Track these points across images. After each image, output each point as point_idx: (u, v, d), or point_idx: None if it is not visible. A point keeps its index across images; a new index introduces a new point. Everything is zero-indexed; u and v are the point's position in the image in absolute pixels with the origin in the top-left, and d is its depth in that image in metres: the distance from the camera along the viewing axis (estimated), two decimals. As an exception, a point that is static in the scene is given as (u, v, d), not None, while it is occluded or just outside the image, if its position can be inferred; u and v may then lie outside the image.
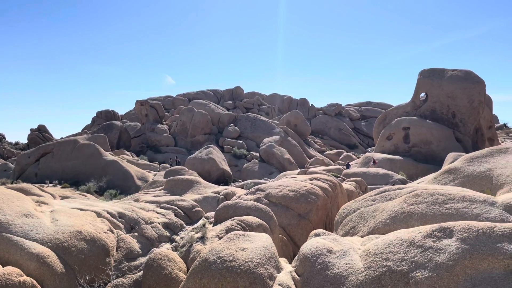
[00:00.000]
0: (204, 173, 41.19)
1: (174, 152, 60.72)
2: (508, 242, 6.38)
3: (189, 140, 63.91)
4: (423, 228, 7.27)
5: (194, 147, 60.94)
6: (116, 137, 62.34)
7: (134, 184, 36.46)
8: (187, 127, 64.69)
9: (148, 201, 17.16)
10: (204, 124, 64.42)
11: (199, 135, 63.82)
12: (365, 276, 6.73)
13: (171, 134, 66.34)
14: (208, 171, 43.38)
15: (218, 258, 7.48)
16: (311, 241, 8.35)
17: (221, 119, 68.75)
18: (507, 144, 16.62)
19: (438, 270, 6.31)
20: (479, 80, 43.32)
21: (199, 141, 62.91)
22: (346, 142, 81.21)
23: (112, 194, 31.53)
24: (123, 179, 36.97)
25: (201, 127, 64.22)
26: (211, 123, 66.37)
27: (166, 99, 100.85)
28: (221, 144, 61.01)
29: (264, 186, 16.95)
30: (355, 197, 21.09)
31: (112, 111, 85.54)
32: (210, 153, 45.68)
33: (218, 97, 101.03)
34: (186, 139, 64.28)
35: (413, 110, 46.58)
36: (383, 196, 11.33)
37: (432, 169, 34.49)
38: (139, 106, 71.42)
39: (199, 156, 45.32)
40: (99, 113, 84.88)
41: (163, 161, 57.05)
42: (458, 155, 26.03)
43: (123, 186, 35.88)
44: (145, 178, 38.46)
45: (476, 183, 14.12)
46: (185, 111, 67.03)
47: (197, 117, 64.31)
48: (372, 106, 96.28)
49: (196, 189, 22.55)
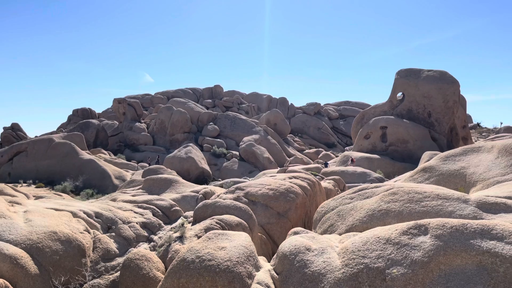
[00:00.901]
0: (183, 172, 40.89)
1: (152, 151, 60.06)
2: (480, 239, 6.56)
3: (168, 139, 63.33)
4: (399, 226, 7.39)
5: (173, 146, 60.41)
6: (93, 135, 61.25)
7: (111, 184, 35.90)
8: (165, 125, 64.08)
9: (125, 201, 16.93)
10: (183, 123, 63.94)
11: (178, 133, 63.30)
12: (343, 273, 6.80)
13: (150, 133, 65.59)
14: (187, 170, 43.08)
15: (196, 257, 7.44)
16: (290, 239, 8.39)
17: (201, 118, 68.37)
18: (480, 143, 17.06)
19: (414, 267, 6.43)
20: (453, 80, 44.38)
21: (178, 139, 62.41)
22: (325, 141, 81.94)
23: (88, 194, 30.97)
24: (100, 179, 36.36)
25: (180, 126, 63.72)
26: (190, 122, 65.91)
27: (144, 97, 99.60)
28: (201, 143, 60.69)
29: (244, 185, 16.94)
30: (334, 195, 21.30)
31: (89, 109, 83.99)
32: (189, 152, 45.38)
33: (197, 96, 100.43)
34: (165, 138, 63.68)
35: (390, 110, 47.36)
36: (361, 194, 11.48)
37: (409, 168, 35.14)
38: (117, 104, 70.33)
39: (178, 155, 44.96)
40: (76, 111, 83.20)
41: (141, 160, 56.36)
42: (434, 153, 26.61)
43: (100, 185, 35.28)
44: (122, 177, 37.92)
45: (450, 181, 14.45)
46: (164, 109, 66.38)
47: (176, 116, 63.77)
48: (350, 105, 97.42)
49: (175, 188, 22.35)
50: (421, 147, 40.02)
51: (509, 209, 8.83)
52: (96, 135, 61.84)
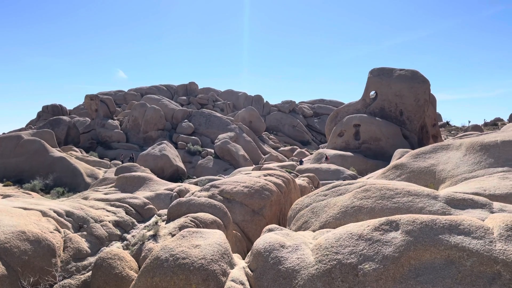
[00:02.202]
0: (157, 170, 40.44)
1: (126, 149, 59.07)
2: (448, 234, 6.76)
3: (142, 136, 62.42)
4: (371, 222, 7.53)
5: (147, 143, 59.60)
6: (63, 132, 59.73)
7: (83, 182, 35.15)
8: (139, 122, 63.12)
9: (97, 199, 16.60)
10: (157, 120, 63.14)
11: (152, 131, 62.47)
12: (316, 269, 6.88)
13: (123, 130, 64.47)
14: (161, 168, 42.62)
15: (170, 255, 7.37)
16: (264, 236, 8.43)
17: (175, 115, 67.68)
18: (449, 141, 17.57)
19: (385, 262, 6.57)
20: (424, 79, 45.50)
21: (152, 137, 61.60)
22: (300, 139, 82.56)
23: (59, 192, 30.22)
24: (72, 177, 35.55)
25: (154, 123, 62.89)
26: (165, 119, 65.15)
27: (117, 94, 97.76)
28: (175, 140, 60.10)
29: (219, 183, 16.89)
30: (308, 192, 21.51)
31: (60, 106, 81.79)
32: (164, 150, 44.88)
33: (172, 93, 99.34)
34: (139, 135, 62.73)
35: (363, 108, 48.15)
36: (334, 191, 11.63)
37: (381, 165, 35.85)
38: (89, 100, 68.77)
39: (152, 153, 44.41)
40: (45, 107, 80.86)
41: (114, 158, 55.36)
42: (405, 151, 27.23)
43: (72, 183, 34.50)
44: (95, 175, 37.17)
45: (421, 178, 14.83)
46: (137, 106, 65.36)
47: (149, 113, 62.90)
48: (324, 103, 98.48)
49: (149, 186, 22.08)
50: (393, 144, 40.89)
51: (476, 205, 9.14)
52: (67, 132, 60.34)
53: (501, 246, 6.39)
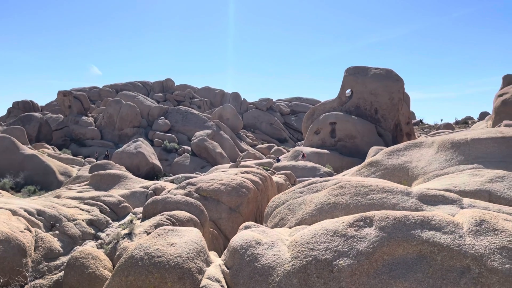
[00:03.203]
0: (133, 168, 39.90)
1: (100, 146, 58.01)
2: (420, 229, 6.91)
3: (117, 133, 61.39)
4: (346, 218, 7.63)
5: (122, 140, 58.66)
6: (35, 129, 58.16)
7: (55, 180, 34.34)
8: (114, 119, 62.05)
9: (70, 197, 16.26)
10: (132, 117, 62.21)
11: (127, 128, 61.52)
12: (292, 266, 6.93)
13: (97, 127, 63.25)
14: (137, 165, 42.06)
15: (145, 254, 7.28)
16: (241, 233, 8.43)
17: (151, 112, 66.83)
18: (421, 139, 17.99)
19: (359, 258, 6.67)
20: (398, 78, 46.37)
21: (127, 134, 60.67)
22: (277, 136, 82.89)
23: (30, 191, 29.40)
24: (44, 175, 34.66)
25: (130, 120, 61.96)
26: (140, 116, 64.26)
27: (91, 90, 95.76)
28: (151, 138, 59.37)
29: (195, 180, 16.79)
30: (285, 189, 21.62)
31: (31, 102, 79.50)
32: (139, 147, 44.29)
33: (147, 89, 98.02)
34: (113, 132, 61.67)
35: (339, 106, 48.71)
36: (310, 188, 11.72)
37: (356, 162, 36.38)
38: (62, 97, 67.12)
39: (127, 150, 43.76)
40: (16, 103, 78.42)
41: (88, 155, 54.30)
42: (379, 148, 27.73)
43: (44, 182, 33.63)
44: (68, 173, 36.35)
45: (394, 174, 15.12)
46: (112, 103, 64.23)
47: (125, 110, 61.92)
48: (301, 101, 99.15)
49: (124, 184, 21.75)
50: (368, 142, 41.55)
51: (447, 201, 9.38)
52: (39, 129, 58.78)
53: (470, 241, 6.58)
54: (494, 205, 9.38)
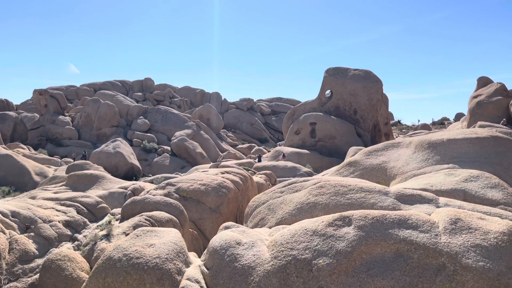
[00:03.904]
0: (111, 168, 39.35)
1: (78, 146, 56.95)
2: (398, 228, 7.03)
3: (95, 133, 60.38)
4: (325, 218, 7.70)
5: (100, 140, 57.73)
6: (10, 129, 56.68)
7: (31, 180, 33.59)
8: (92, 119, 61.02)
9: (46, 198, 15.91)
10: (111, 116, 61.29)
11: (105, 127, 60.58)
12: (272, 265, 6.95)
13: (74, 127, 62.07)
14: (116, 165, 41.50)
15: (123, 255, 7.19)
16: (221, 234, 8.41)
17: (130, 111, 65.99)
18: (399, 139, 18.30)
19: (338, 257, 6.74)
20: (377, 79, 47.05)
21: (106, 134, 59.75)
22: (258, 136, 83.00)
23: (5, 192, 28.67)
24: (18, 175, 33.84)
25: (108, 119, 61.02)
26: (119, 115, 63.35)
27: (69, 89, 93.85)
28: (130, 138, 58.62)
29: (175, 181, 16.66)
30: (265, 189, 21.65)
31: (5, 100, 77.27)
32: (118, 147, 43.70)
33: (126, 89, 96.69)
34: (91, 132, 60.64)
35: (319, 106, 49.10)
36: (290, 188, 11.78)
37: (336, 162, 36.72)
38: (38, 95, 65.56)
39: (105, 150, 43.13)
40: (-11, 102, 76.25)
41: (65, 155, 53.25)
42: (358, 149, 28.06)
43: (19, 182, 32.85)
44: (44, 173, 35.59)
45: (373, 174, 15.32)
46: (90, 102, 63.14)
47: (103, 109, 60.95)
48: (282, 102, 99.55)
49: (102, 184, 21.42)
50: (347, 142, 41.99)
51: (424, 200, 9.57)
52: (13, 128, 57.31)
53: (446, 239, 6.73)
54: (468, 204, 9.61)
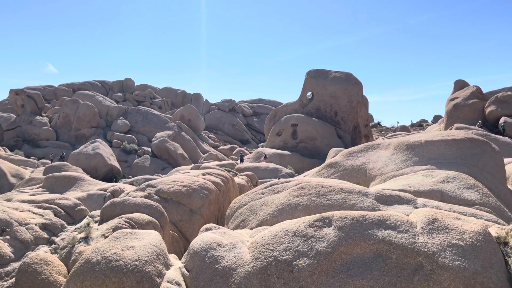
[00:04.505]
0: (90, 170, 38.73)
1: (56, 147, 55.85)
2: (377, 229, 7.13)
3: (73, 134, 59.32)
4: (306, 219, 7.75)
5: (79, 141, 56.74)
6: (-16, 129, 55.16)
7: (7, 182, 32.75)
8: (71, 119, 59.93)
9: (23, 201, 15.55)
10: (90, 117, 60.32)
11: (84, 128, 59.57)
12: (253, 267, 6.95)
13: (52, 127, 60.85)
14: (95, 167, 40.86)
15: (102, 258, 7.08)
16: (201, 235, 8.37)
17: (110, 112, 65.06)
18: (379, 141, 18.56)
19: (318, 257, 6.79)
20: (357, 82, 47.65)
21: (85, 135, 58.76)
22: (239, 138, 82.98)
23: (-22, 194, 27.86)
24: (-7, 177, 32.94)
25: (87, 120, 60.04)
26: (98, 116, 62.39)
27: (46, 89, 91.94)
28: (110, 139, 57.79)
29: (155, 182, 16.50)
30: (247, 191, 21.66)
31: (-20, 100, 75.37)
32: (97, 148, 43.05)
33: (106, 89, 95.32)
34: (70, 133, 59.55)
35: (301, 108, 49.40)
36: (272, 189, 11.81)
37: (317, 163, 36.99)
38: (14, 95, 64.03)
39: (84, 151, 42.41)
40: (-37, 101, 74.12)
41: (43, 157, 52.15)
42: (339, 150, 28.35)
43: (-7, 184, 31.98)
44: (20, 175, 34.76)
45: (353, 175, 15.50)
46: (69, 102, 62.01)
47: (82, 109, 59.94)
48: (264, 103, 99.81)
49: (80, 186, 21.06)
50: (328, 144, 42.36)
51: (402, 201, 9.73)
52: (-12, 129, 55.81)
53: (423, 239, 6.85)
54: (445, 205, 9.83)
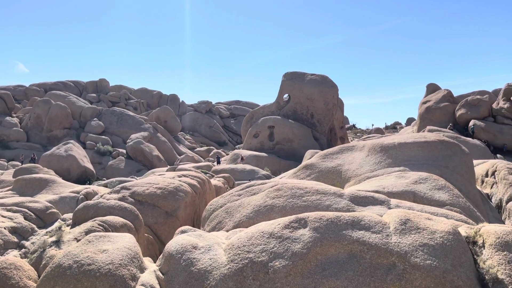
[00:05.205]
0: (63, 172, 37.83)
1: (26, 148, 54.30)
2: (351, 229, 7.22)
3: (45, 135, 57.81)
4: (282, 220, 7.78)
5: (51, 143, 55.35)
6: (-50, 130, 53.14)
7: (-26, 185, 31.56)
8: (42, 120, 58.40)
9: (-9, 204, 15.03)
10: (63, 118, 58.93)
11: (57, 129, 58.15)
12: (228, 269, 6.93)
13: (23, 128, 59.14)
14: (68, 169, 39.95)
15: (74, 262, 6.92)
16: (177, 238, 8.29)
17: (83, 113, 63.72)
18: (354, 143, 18.83)
19: (294, 258, 6.83)
20: (333, 84, 48.25)
21: (57, 136, 57.36)
22: (216, 139, 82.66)
23: None
24: (-40, 180, 31.70)
25: (60, 121, 58.63)
26: (72, 117, 61.02)
27: (16, 89, 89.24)
28: (83, 140, 56.60)
29: (130, 184, 16.25)
30: (223, 192, 21.60)
31: None
32: (70, 150, 42.12)
33: (80, 89, 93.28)
34: (42, 134, 58.01)
35: (278, 110, 49.64)
36: (248, 191, 11.82)
37: (293, 165, 37.21)
38: (-18, 95, 61.92)
39: (56, 153, 41.42)
40: None
41: (13, 159, 50.60)
42: (315, 152, 28.61)
43: (-40, 187, 30.79)
44: (-12, 177, 33.59)
45: (328, 177, 15.66)
46: (40, 103, 60.43)
47: (54, 110, 58.50)
48: (241, 105, 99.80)
49: (52, 189, 20.55)
50: (304, 145, 42.69)
51: (376, 202, 9.90)
52: (-46, 129, 53.77)
53: (396, 239, 6.99)
54: (418, 205, 10.05)
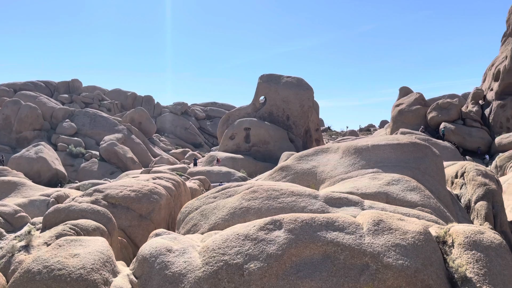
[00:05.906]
0: (33, 174, 36.80)
1: (-6, 150, 52.54)
2: (325, 230, 7.30)
3: (14, 137, 56.09)
4: (257, 222, 7.79)
5: (21, 144, 53.75)
6: None
7: None
8: (11, 121, 56.65)
9: (-45, 208, 14.46)
10: (33, 119, 57.32)
11: (26, 131, 56.51)
12: (203, 272, 6.89)
13: (-9, 129, 57.20)
14: (38, 171, 38.88)
15: (44, 267, 6.74)
16: (151, 241, 8.18)
17: (55, 114, 62.15)
18: (328, 145, 19.05)
19: (269, 260, 6.85)
20: (308, 87, 48.73)
21: (27, 138, 55.74)
22: (192, 141, 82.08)
23: None
24: None
25: (30, 122, 57.01)
26: (42, 118, 59.42)
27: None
28: (54, 142, 55.21)
29: (103, 187, 15.95)
30: (199, 195, 21.45)
31: None
32: (40, 152, 41.00)
33: (51, 90, 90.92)
34: (10, 136, 56.25)
35: (254, 112, 49.74)
36: (224, 193, 11.78)
37: (269, 167, 37.32)
38: None
39: (26, 155, 40.24)
40: None
41: (-20, 161, 48.87)
42: (290, 154, 28.79)
43: None
44: (-47, 180, 32.31)
45: (304, 179, 15.78)
46: (9, 103, 58.60)
47: (24, 111, 56.84)
48: (217, 106, 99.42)
49: (21, 192, 19.94)
50: (280, 147, 42.92)
51: (350, 203, 10.04)
52: None
53: (369, 240, 7.10)
54: (390, 206, 10.24)
